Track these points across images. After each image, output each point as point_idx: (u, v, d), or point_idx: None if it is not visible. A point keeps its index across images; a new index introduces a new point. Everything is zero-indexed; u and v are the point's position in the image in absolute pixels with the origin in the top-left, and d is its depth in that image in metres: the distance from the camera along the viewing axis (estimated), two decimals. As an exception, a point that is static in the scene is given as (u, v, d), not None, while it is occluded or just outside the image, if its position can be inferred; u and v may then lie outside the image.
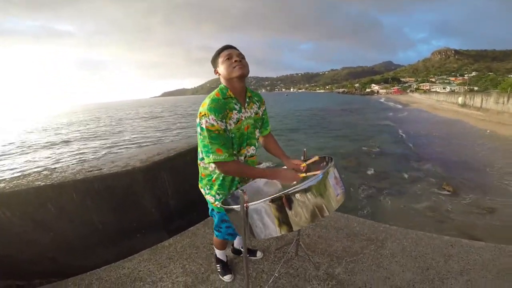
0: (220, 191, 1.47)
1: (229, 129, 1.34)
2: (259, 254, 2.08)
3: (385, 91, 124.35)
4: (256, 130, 1.53)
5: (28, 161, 16.84)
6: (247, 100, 1.46)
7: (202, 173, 1.52)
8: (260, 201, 1.14)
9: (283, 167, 1.60)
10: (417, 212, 7.40)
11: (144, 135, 25.92)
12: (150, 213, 2.57)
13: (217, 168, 1.36)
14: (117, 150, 18.63)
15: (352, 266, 1.92)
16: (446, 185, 8.78)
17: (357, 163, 12.59)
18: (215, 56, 1.39)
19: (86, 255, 2.36)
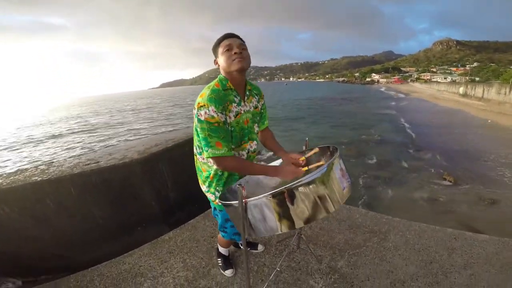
0: (220, 188, 1.40)
1: (229, 122, 1.27)
2: (260, 247, 2.06)
3: (386, 81, 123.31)
4: (255, 125, 1.46)
5: (25, 157, 16.81)
6: (247, 93, 1.38)
7: (202, 168, 1.43)
8: (261, 197, 1.06)
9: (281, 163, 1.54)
10: (418, 203, 7.41)
11: (142, 127, 25.81)
12: (150, 206, 2.54)
13: (216, 164, 1.28)
14: (116, 142, 18.57)
15: (355, 259, 1.90)
16: (447, 175, 8.78)
17: (357, 152, 12.58)
18: (216, 45, 1.30)
19: (90, 250, 2.35)
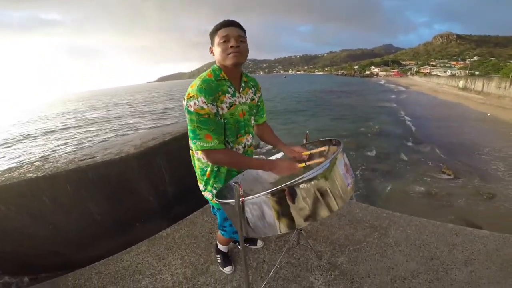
0: (217, 186, 1.34)
1: (221, 114, 1.20)
2: (260, 243, 2.03)
3: (385, 74, 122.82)
4: (252, 118, 1.39)
5: (23, 152, 16.74)
6: (242, 85, 1.32)
7: (197, 165, 1.37)
8: (259, 195, 1.00)
9: (279, 158, 1.50)
10: (418, 196, 7.44)
11: (139, 121, 25.67)
12: (148, 201, 2.50)
13: (205, 157, 1.21)
14: (112, 136, 18.49)
15: (355, 255, 1.88)
16: (446, 169, 8.80)
17: (357, 144, 12.58)
18: (213, 32, 1.21)
19: (87, 246, 2.31)
